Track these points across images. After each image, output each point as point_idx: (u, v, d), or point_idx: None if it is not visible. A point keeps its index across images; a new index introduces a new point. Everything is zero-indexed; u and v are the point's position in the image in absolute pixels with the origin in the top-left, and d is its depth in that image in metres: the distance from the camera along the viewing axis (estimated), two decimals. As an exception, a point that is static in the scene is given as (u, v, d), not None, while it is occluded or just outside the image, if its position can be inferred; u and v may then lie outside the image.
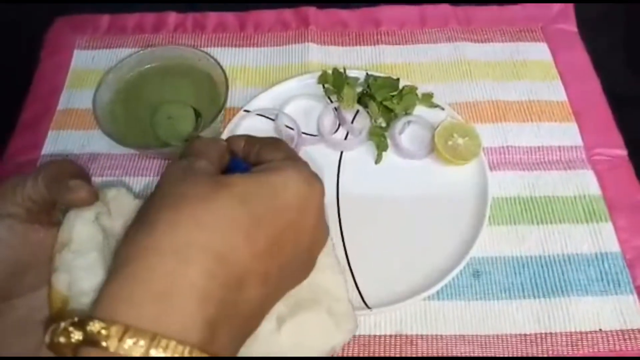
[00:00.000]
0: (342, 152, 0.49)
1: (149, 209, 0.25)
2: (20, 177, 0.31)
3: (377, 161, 0.48)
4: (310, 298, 0.33)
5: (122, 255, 0.24)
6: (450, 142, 0.47)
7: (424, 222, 0.45)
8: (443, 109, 0.50)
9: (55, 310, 0.29)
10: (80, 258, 0.29)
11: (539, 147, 0.50)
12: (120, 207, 0.33)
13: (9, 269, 0.29)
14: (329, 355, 0.33)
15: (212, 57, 0.49)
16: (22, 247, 0.30)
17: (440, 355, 0.39)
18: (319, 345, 0.32)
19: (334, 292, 0.34)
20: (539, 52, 0.57)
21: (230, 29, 0.60)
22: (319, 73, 0.52)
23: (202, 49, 0.51)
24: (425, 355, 0.40)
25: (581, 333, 0.40)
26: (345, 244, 0.44)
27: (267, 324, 0.30)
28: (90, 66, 0.57)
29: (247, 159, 0.33)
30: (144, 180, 0.49)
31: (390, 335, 0.40)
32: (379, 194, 0.46)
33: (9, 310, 0.29)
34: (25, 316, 0.30)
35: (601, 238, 0.44)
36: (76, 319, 0.22)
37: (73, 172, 0.32)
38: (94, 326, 0.21)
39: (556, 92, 0.53)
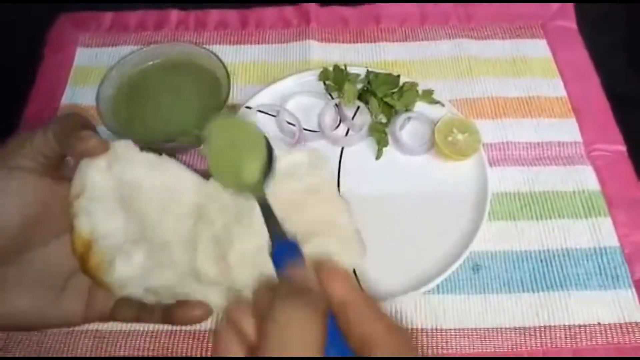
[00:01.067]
0: (343, 148, 0.50)
1: None
2: (28, 132, 0.31)
3: (377, 157, 0.49)
4: (316, 229, 0.34)
5: None
6: (450, 138, 0.47)
7: (424, 217, 0.45)
8: (443, 105, 0.51)
9: (79, 255, 0.30)
10: (98, 203, 0.31)
11: (538, 143, 0.50)
12: (130, 159, 0.33)
13: (21, 221, 0.29)
14: None
15: (214, 54, 0.50)
16: (33, 199, 0.30)
17: (439, 348, 0.40)
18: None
19: (339, 221, 0.36)
20: (538, 49, 0.57)
21: (232, 26, 0.60)
22: (320, 70, 0.53)
23: (204, 46, 0.51)
24: (425, 348, 0.40)
25: (580, 326, 0.40)
26: (346, 238, 0.44)
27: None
28: (93, 63, 0.58)
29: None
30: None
31: (391, 329, 0.41)
32: (379, 189, 0.47)
33: (27, 265, 0.30)
34: (42, 270, 0.30)
35: (600, 233, 0.45)
36: None
37: (82, 123, 0.32)
38: None
39: (556, 89, 0.54)
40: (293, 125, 0.50)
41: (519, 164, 0.49)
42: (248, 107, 0.51)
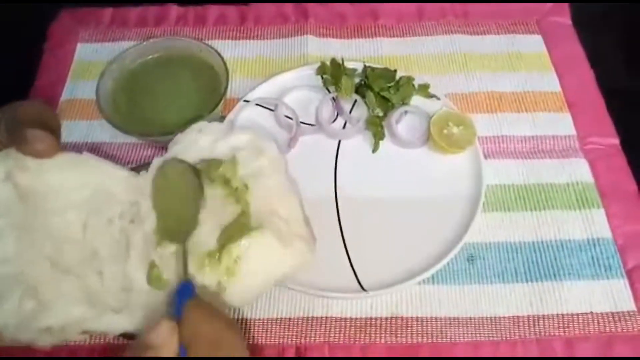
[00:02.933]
0: (340, 141, 0.50)
1: None
2: None
3: (374, 150, 0.49)
4: (260, 221, 0.32)
5: None
6: (445, 131, 0.48)
7: (420, 208, 0.46)
8: (439, 99, 0.51)
9: None
10: None
11: (533, 137, 0.51)
12: (41, 162, 0.30)
13: None
14: (280, 282, 0.33)
15: (213, 49, 0.50)
16: None
17: (434, 336, 0.40)
18: (269, 270, 0.31)
19: (283, 213, 0.33)
20: (534, 44, 0.58)
21: (231, 22, 0.61)
22: (318, 64, 0.53)
23: (203, 41, 0.52)
24: (420, 336, 0.40)
25: (572, 315, 0.41)
26: (343, 229, 0.45)
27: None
28: (94, 58, 0.58)
29: None
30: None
31: (386, 318, 0.41)
32: (375, 181, 0.47)
33: None
34: None
35: (593, 224, 0.45)
36: None
37: (38, 118, 0.30)
38: None
39: (550, 83, 0.54)
40: (290, 118, 0.50)
41: (513, 157, 0.49)
42: (246, 101, 0.52)
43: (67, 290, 0.29)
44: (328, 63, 0.53)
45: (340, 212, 0.46)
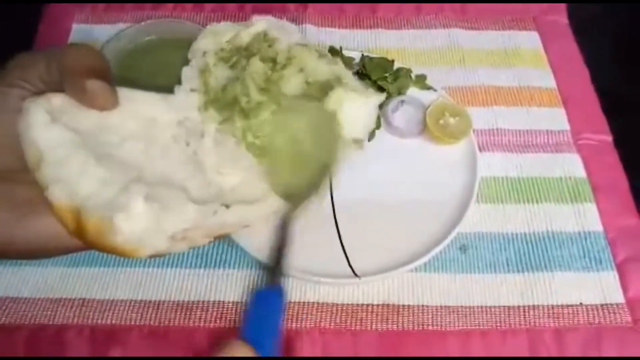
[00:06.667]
0: (335, 129, 0.50)
1: None
2: (31, 54, 0.28)
3: (369, 139, 0.49)
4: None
5: None
6: (441, 121, 0.48)
7: (414, 197, 0.46)
8: (436, 90, 0.51)
9: (73, 229, 0.25)
10: (65, 165, 0.25)
11: (527, 131, 0.51)
12: (77, 106, 0.28)
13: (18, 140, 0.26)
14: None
15: (211, 32, 0.50)
16: None
17: (424, 324, 0.40)
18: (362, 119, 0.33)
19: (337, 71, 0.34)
20: (530, 40, 0.58)
21: (229, 9, 0.61)
22: (316, 53, 0.53)
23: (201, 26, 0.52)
24: (411, 324, 0.40)
25: (562, 306, 0.41)
26: (336, 216, 0.44)
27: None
28: (89, 40, 0.57)
29: None
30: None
31: (378, 305, 0.41)
32: (370, 170, 0.47)
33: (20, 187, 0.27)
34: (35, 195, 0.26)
35: (585, 218, 0.46)
36: None
37: (93, 67, 0.28)
38: None
39: (545, 79, 0.55)
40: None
41: (508, 150, 0.50)
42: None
43: (170, 197, 0.27)
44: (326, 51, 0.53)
45: (334, 198, 0.45)
